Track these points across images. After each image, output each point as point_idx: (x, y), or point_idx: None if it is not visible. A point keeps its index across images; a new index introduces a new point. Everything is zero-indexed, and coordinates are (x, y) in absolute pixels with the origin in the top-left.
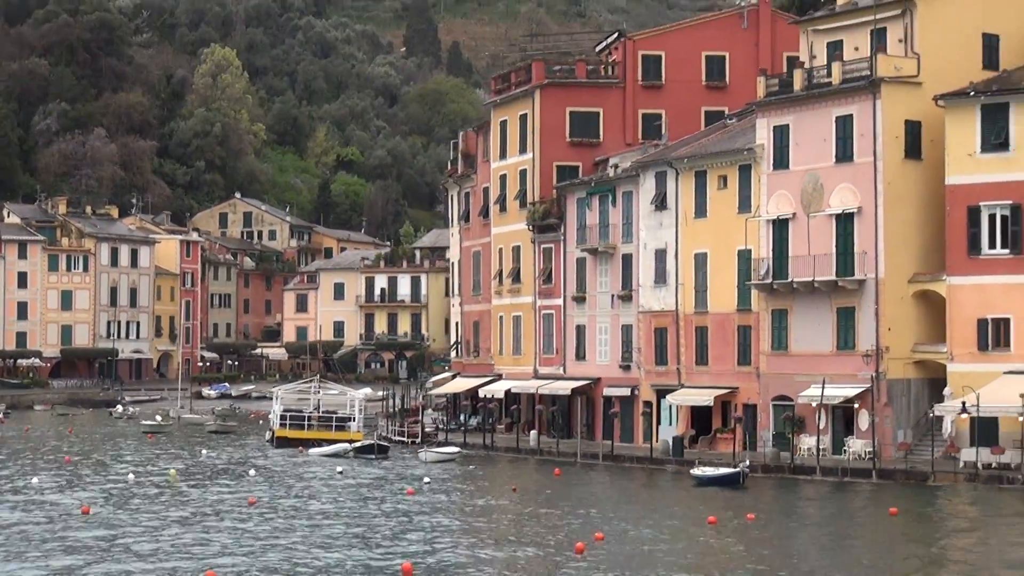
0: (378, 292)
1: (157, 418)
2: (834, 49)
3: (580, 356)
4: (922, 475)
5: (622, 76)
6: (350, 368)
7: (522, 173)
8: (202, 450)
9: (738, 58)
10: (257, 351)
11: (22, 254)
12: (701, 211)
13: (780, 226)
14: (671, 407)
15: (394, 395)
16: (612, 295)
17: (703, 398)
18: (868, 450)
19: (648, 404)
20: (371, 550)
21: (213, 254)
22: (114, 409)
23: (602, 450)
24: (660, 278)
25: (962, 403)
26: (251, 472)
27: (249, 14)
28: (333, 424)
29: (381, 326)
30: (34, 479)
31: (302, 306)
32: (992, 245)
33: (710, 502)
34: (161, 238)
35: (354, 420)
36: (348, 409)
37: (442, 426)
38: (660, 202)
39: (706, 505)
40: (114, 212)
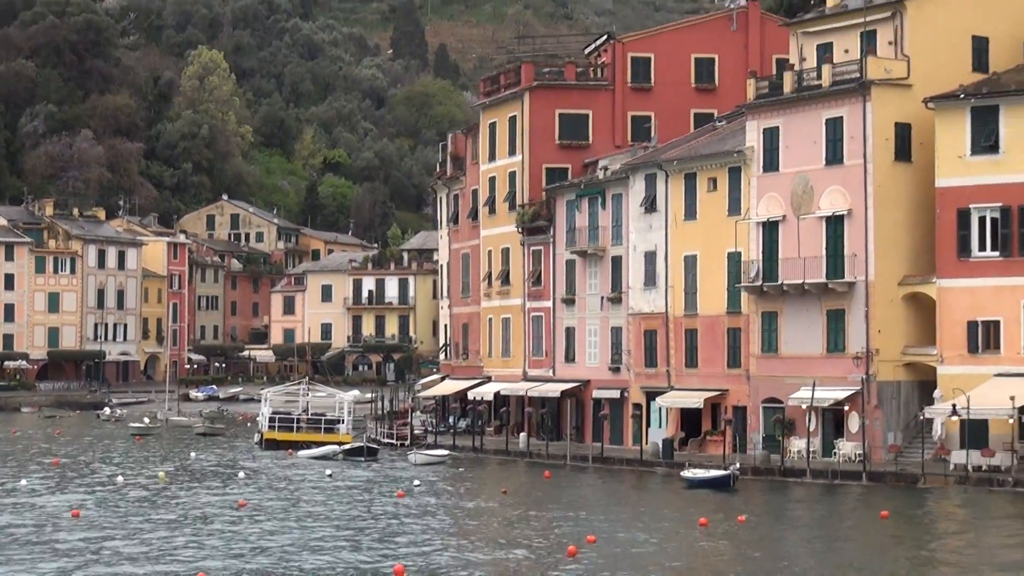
0: (366, 294)
1: (145, 420)
2: (824, 51)
3: (569, 358)
4: (912, 478)
5: (611, 78)
6: (338, 370)
7: (511, 175)
8: (191, 452)
9: (727, 60)
10: (244, 353)
11: (9, 256)
12: (691, 213)
13: (770, 228)
14: (661, 409)
15: (383, 397)
16: (602, 297)
17: (693, 400)
18: (858, 452)
19: (638, 406)
20: (362, 552)
21: (200, 256)
22: (101, 411)
23: (592, 452)
24: (650, 280)
25: (952, 405)
26: (240, 475)
27: (236, 16)
28: (322, 426)
29: (369, 328)
30: (22, 481)
31: (290, 308)
32: (982, 247)
33: (701, 504)
34: (148, 240)
35: (343, 422)
36: (337, 411)
37: (431, 428)
38: (650, 204)
39: (697, 507)
40: (101, 214)
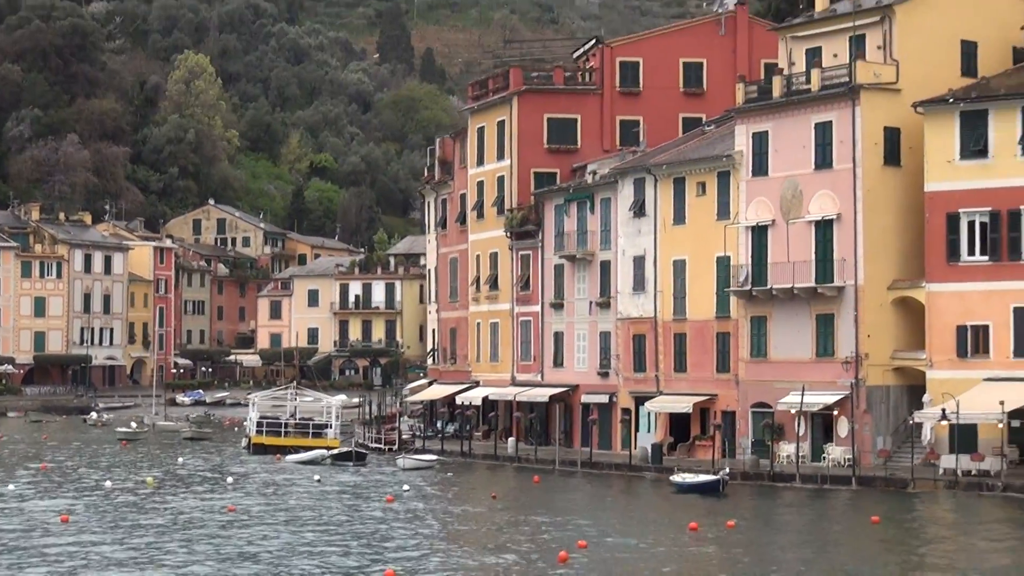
0: (352, 299)
1: (132, 425)
2: (813, 56)
3: (558, 363)
4: (902, 482)
5: (600, 83)
6: (324, 375)
7: (500, 179)
8: (178, 457)
9: (715, 65)
10: (231, 358)
11: None
12: (680, 218)
13: (759, 233)
14: (649, 414)
15: (370, 402)
16: (590, 302)
17: (682, 405)
18: (847, 457)
19: (626, 411)
20: (352, 557)
21: (187, 261)
22: (88, 416)
23: (580, 457)
24: (638, 285)
25: (942, 410)
26: (228, 480)
27: (222, 20)
28: (310, 431)
29: (355, 333)
30: (10, 486)
31: (276, 313)
32: (971, 252)
33: (690, 509)
34: (135, 245)
35: (331, 427)
36: (324, 416)
37: (419, 433)
38: (638, 209)
39: (686, 512)
40: (87, 218)
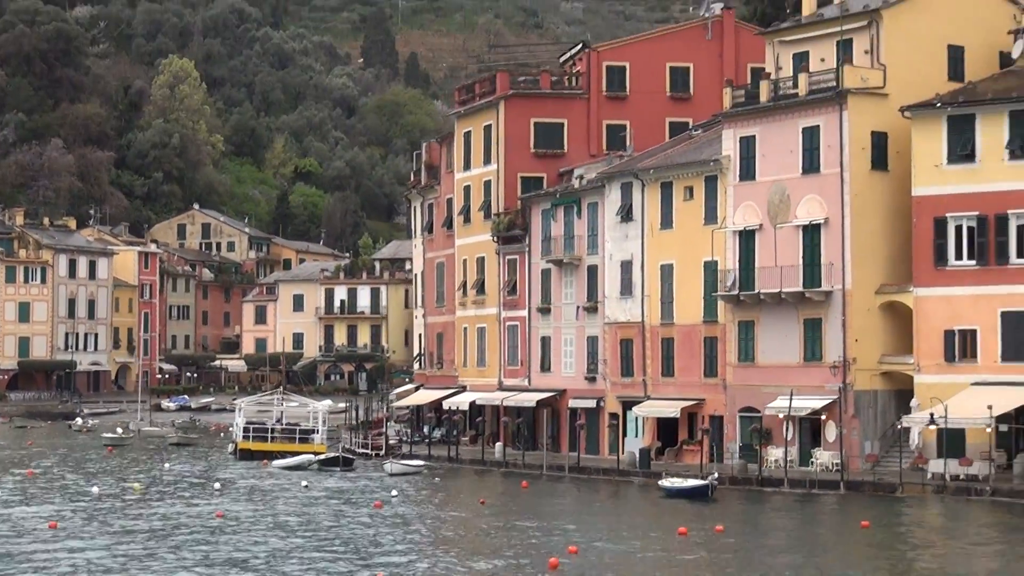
0: (337, 304)
1: (118, 431)
2: (800, 60)
3: (545, 368)
4: (890, 487)
5: (586, 87)
6: (309, 380)
7: (486, 184)
8: (164, 463)
9: (702, 69)
10: (216, 363)
11: None
12: (667, 222)
13: (747, 237)
14: (637, 419)
15: (357, 407)
16: (577, 306)
17: (669, 410)
18: (836, 462)
19: (614, 416)
20: (341, 563)
21: (171, 265)
22: (73, 422)
23: (568, 462)
24: (626, 289)
25: (930, 414)
26: (216, 485)
27: (207, 25)
28: (296, 436)
29: (340, 338)
30: None
31: (261, 318)
32: (959, 256)
33: (679, 514)
34: (119, 249)
35: (317, 432)
36: (311, 421)
37: (406, 438)
38: (626, 213)
39: (675, 517)
40: (72, 223)
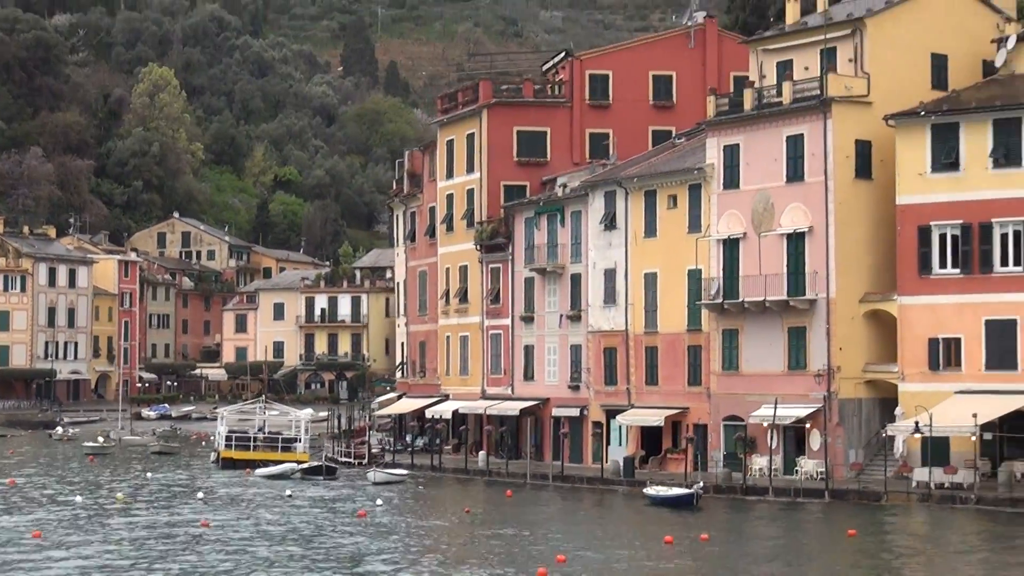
0: (318, 312)
1: (99, 440)
2: (784, 69)
3: (528, 376)
4: (875, 495)
5: (569, 95)
6: (290, 389)
7: (469, 192)
8: (147, 472)
9: (685, 77)
10: (196, 372)
11: None
12: (651, 231)
13: (731, 246)
14: (621, 427)
15: (339, 416)
16: (561, 315)
17: (653, 418)
18: (820, 470)
19: (598, 424)
20: (325, 573)
21: (151, 274)
22: (53, 431)
23: (552, 471)
24: (609, 298)
25: (915, 423)
26: (199, 494)
27: (186, 33)
28: (279, 445)
29: (321, 346)
30: None
31: (241, 326)
32: (943, 265)
33: (664, 523)
34: (99, 258)
35: (300, 441)
36: (293, 430)
37: (388, 447)
38: (609, 221)
39: (661, 526)
40: (52, 232)
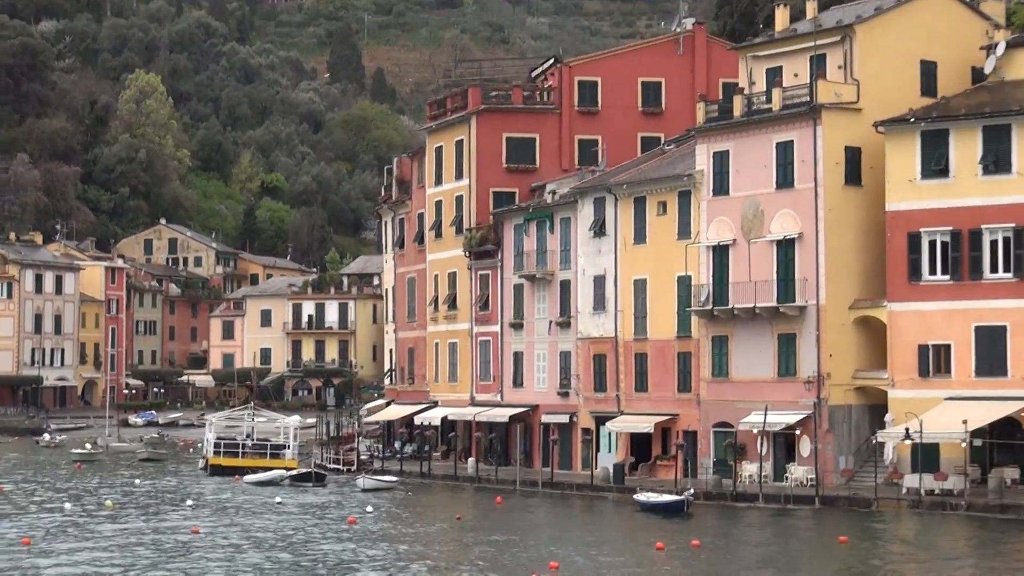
0: (305, 319)
1: (87, 446)
2: (773, 75)
3: (518, 383)
4: (865, 502)
5: (558, 102)
6: (277, 395)
7: (458, 199)
8: (135, 479)
9: (674, 84)
10: (183, 378)
11: None
12: (640, 237)
13: (720, 252)
14: (610, 434)
15: (327, 423)
16: (550, 321)
17: (643, 425)
18: (810, 477)
19: (587, 431)
20: None
21: (138, 281)
22: (40, 437)
23: (542, 478)
24: (599, 304)
25: (905, 429)
26: (188, 501)
27: (173, 40)
28: (267, 452)
29: (308, 353)
30: None
31: (228, 333)
32: (932, 271)
33: (655, 529)
34: (86, 265)
35: (288, 448)
36: (282, 437)
37: (377, 454)
38: (599, 228)
39: (651, 532)
40: (38, 238)
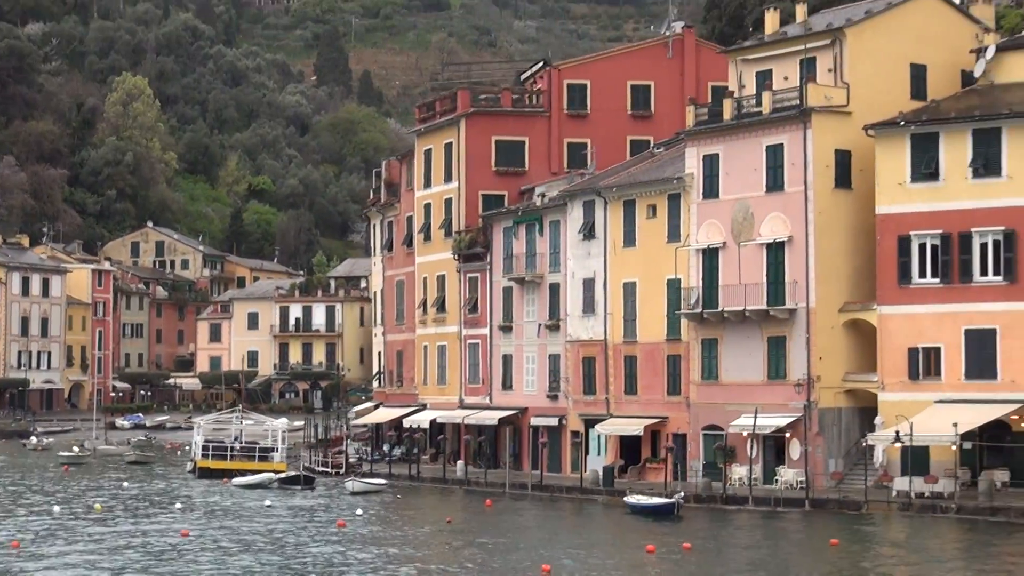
0: (292, 322)
1: (75, 449)
2: (763, 78)
3: (507, 386)
4: (855, 504)
5: (547, 105)
6: (264, 398)
7: (447, 202)
8: (124, 482)
9: (663, 87)
10: (170, 381)
11: None
12: (630, 240)
13: (710, 255)
14: (600, 437)
15: (316, 425)
16: (539, 324)
17: (632, 428)
18: (800, 479)
19: (576, 434)
20: None
21: (125, 283)
22: (27, 440)
23: (531, 480)
24: (588, 307)
25: (895, 432)
26: (177, 505)
27: (160, 42)
28: (256, 454)
29: (296, 356)
30: None
31: (215, 336)
32: (922, 274)
33: (646, 532)
34: (72, 267)
35: (277, 451)
36: (270, 440)
37: (366, 457)
38: (588, 231)
39: (642, 536)
40: (25, 241)
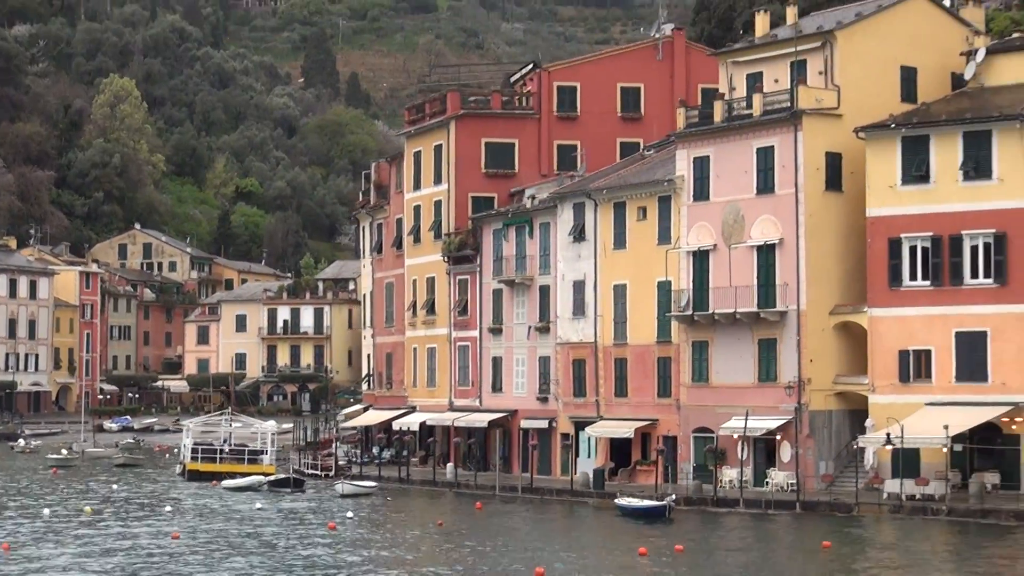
0: (280, 324)
1: (63, 452)
2: (754, 81)
3: (497, 388)
4: (846, 507)
5: (537, 107)
6: (252, 400)
7: (437, 204)
8: (112, 484)
9: (653, 89)
10: (158, 384)
11: None
12: (620, 242)
13: (700, 257)
14: (590, 439)
15: (304, 428)
16: (529, 327)
17: (623, 430)
18: (791, 482)
19: (567, 436)
20: None
21: (113, 286)
22: (15, 443)
23: (521, 483)
24: (578, 310)
25: (886, 434)
26: (167, 507)
27: (147, 44)
28: (245, 457)
29: (284, 358)
30: None
31: (203, 338)
32: (913, 277)
33: (637, 535)
34: (60, 269)
35: (266, 453)
36: (259, 442)
37: (355, 459)
38: (578, 233)
39: (634, 538)
40: (12, 243)
